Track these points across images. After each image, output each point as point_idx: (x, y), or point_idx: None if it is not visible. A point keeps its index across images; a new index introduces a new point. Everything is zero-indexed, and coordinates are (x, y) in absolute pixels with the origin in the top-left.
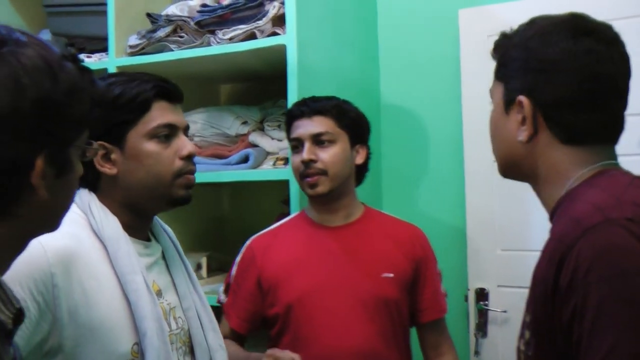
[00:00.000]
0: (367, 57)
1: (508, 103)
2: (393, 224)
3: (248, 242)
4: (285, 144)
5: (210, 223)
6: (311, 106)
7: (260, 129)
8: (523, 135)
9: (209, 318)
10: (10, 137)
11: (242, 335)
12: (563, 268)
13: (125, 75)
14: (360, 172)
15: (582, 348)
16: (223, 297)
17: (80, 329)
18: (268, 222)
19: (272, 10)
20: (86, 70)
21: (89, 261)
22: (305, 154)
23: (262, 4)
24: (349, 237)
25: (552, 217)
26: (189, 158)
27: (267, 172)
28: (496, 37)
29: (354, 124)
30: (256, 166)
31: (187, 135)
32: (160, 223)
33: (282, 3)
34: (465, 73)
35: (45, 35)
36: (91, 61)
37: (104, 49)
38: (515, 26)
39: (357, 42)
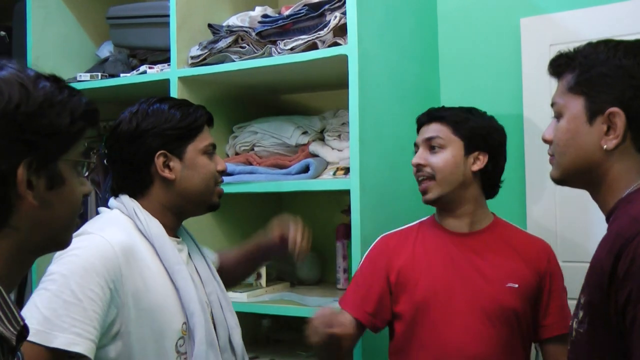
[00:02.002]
0: (427, 67)
1: (593, 114)
2: (520, 236)
3: (378, 239)
4: (346, 153)
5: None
6: (430, 114)
7: (321, 139)
8: (611, 143)
9: (227, 301)
10: None
11: (361, 325)
12: (621, 258)
13: (174, 100)
14: (489, 181)
15: (635, 327)
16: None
17: (141, 311)
18: (328, 232)
19: (333, 20)
20: (66, 88)
21: (142, 255)
22: (415, 158)
23: (323, 14)
24: (475, 245)
25: (609, 217)
26: (222, 172)
27: (328, 182)
28: (559, 46)
29: (472, 132)
30: (316, 176)
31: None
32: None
33: (344, 13)
34: (527, 83)
35: (108, 47)
36: (153, 72)
37: (166, 60)
38: (569, 46)
39: (418, 52)
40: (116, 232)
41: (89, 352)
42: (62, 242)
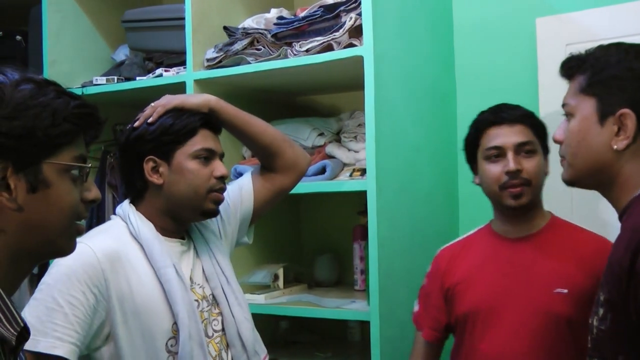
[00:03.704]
0: (443, 67)
1: (604, 115)
2: (577, 236)
3: (436, 254)
4: (362, 155)
5: (287, 234)
6: (510, 113)
7: (337, 140)
8: (622, 144)
9: (235, 295)
10: None
11: (434, 344)
12: (639, 254)
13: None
14: None
15: None
16: (416, 307)
17: (127, 314)
18: (344, 233)
19: (348, 21)
20: (54, 90)
21: (130, 258)
22: (513, 164)
23: (338, 16)
24: (527, 250)
25: (622, 216)
26: (221, 179)
27: (345, 183)
28: (575, 46)
29: (544, 133)
30: (333, 177)
31: (221, 161)
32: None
33: (359, 14)
34: (543, 83)
35: (124, 50)
36: (169, 75)
37: (182, 63)
38: (585, 46)
39: (433, 53)
40: (102, 239)
41: (69, 354)
42: (61, 249)
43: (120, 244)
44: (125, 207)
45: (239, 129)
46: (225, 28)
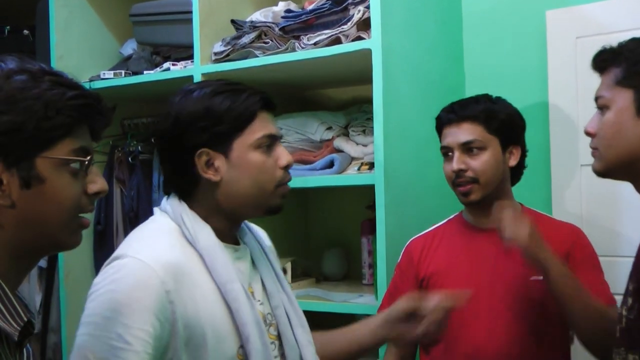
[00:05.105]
0: (452, 61)
1: None
2: (548, 224)
3: (405, 246)
4: (370, 149)
5: (295, 228)
6: (458, 113)
7: (345, 134)
8: None
9: (297, 315)
10: None
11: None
12: None
13: (230, 85)
14: (517, 171)
15: None
16: (382, 303)
17: (193, 337)
18: (353, 227)
19: (356, 14)
20: (48, 81)
21: (190, 271)
22: (455, 164)
23: (346, 9)
24: (500, 240)
25: None
26: (287, 168)
27: (353, 177)
28: (586, 39)
29: (505, 127)
30: (341, 171)
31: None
32: (246, 224)
33: (367, 7)
34: (553, 76)
35: (132, 45)
36: (177, 69)
37: (190, 57)
38: (596, 39)
39: (442, 46)
40: (158, 251)
41: None
42: (63, 243)
43: (178, 253)
44: (176, 206)
45: None
46: (232, 21)
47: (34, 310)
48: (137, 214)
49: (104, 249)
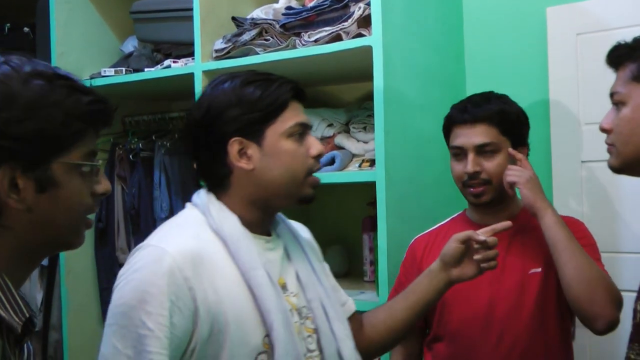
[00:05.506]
0: (452, 58)
1: None
2: None
3: (410, 244)
4: (371, 145)
5: None
6: (473, 113)
7: (346, 131)
8: None
9: (335, 309)
10: None
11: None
12: None
13: (261, 74)
14: None
15: None
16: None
17: (216, 324)
18: (354, 224)
19: (357, 11)
20: (65, 87)
21: (213, 259)
22: (470, 166)
23: (347, 6)
24: (506, 236)
25: None
26: (318, 157)
27: (354, 174)
28: (586, 36)
29: (516, 128)
30: (342, 168)
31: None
32: (282, 218)
33: (368, 4)
34: (554, 73)
35: (132, 42)
36: (177, 66)
37: (190, 54)
38: (596, 35)
39: (443, 42)
40: (180, 239)
41: None
42: (70, 244)
43: (200, 242)
44: (203, 197)
45: None
46: (233, 19)
47: (35, 308)
48: (138, 212)
49: (104, 247)
